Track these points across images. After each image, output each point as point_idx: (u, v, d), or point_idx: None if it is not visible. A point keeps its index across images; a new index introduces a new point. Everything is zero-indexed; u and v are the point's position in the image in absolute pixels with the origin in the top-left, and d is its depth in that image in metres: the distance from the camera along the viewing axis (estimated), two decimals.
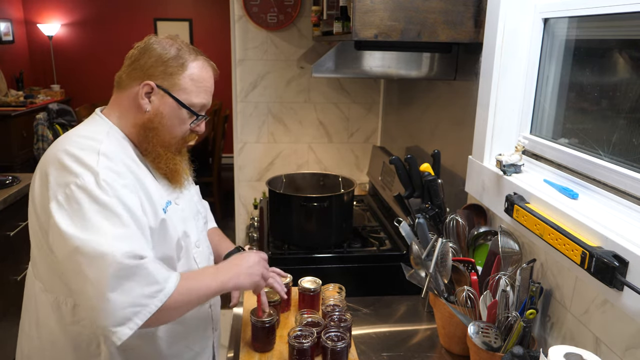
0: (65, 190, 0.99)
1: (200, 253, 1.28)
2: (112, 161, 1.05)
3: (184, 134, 1.19)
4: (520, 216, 1.18)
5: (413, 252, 1.34)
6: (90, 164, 1.01)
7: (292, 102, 2.87)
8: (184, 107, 1.14)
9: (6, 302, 2.32)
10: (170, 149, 1.18)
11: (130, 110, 1.14)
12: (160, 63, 1.12)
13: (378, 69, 1.72)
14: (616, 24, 1.14)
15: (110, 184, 1.01)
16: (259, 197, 2.91)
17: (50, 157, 1.05)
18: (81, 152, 1.03)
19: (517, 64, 1.37)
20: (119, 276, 0.95)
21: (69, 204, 0.98)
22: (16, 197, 2.39)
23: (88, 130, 1.12)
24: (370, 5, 1.47)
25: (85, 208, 0.98)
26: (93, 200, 0.98)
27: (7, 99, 5.53)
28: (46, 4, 6.39)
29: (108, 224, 0.98)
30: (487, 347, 1.12)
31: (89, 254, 0.95)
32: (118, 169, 1.05)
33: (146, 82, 1.11)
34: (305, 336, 1.21)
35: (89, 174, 1.00)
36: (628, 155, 1.05)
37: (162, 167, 1.18)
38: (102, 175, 1.01)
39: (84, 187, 0.99)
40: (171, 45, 1.14)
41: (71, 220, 0.97)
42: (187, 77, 1.13)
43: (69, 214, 0.98)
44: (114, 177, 1.03)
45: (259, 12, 2.68)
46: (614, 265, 0.89)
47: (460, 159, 1.67)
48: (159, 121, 1.13)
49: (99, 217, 0.98)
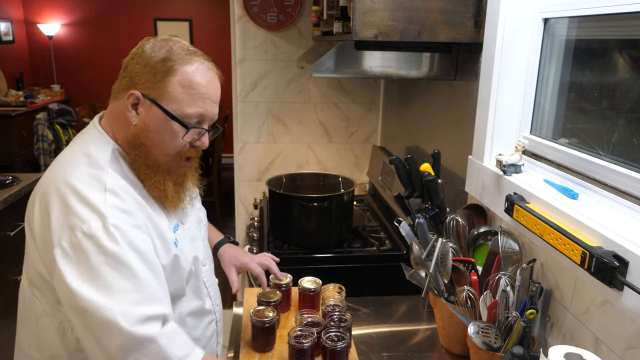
0: (70, 237, 0.90)
1: (207, 271, 1.25)
2: (121, 198, 0.95)
3: (179, 150, 1.03)
4: (520, 216, 1.18)
5: (413, 252, 1.34)
6: (97, 205, 0.91)
7: (292, 102, 2.87)
8: (173, 118, 0.99)
9: (6, 302, 2.32)
10: (158, 170, 1.03)
11: (122, 125, 1.02)
12: (148, 68, 0.98)
13: (378, 69, 1.72)
14: (616, 24, 1.14)
15: (120, 228, 0.92)
16: (259, 197, 2.91)
17: (52, 186, 0.96)
18: (86, 190, 0.93)
19: (517, 63, 1.37)
20: (127, 349, 0.88)
21: (75, 253, 0.90)
22: (16, 197, 2.39)
23: (91, 152, 1.00)
24: (370, 5, 1.47)
25: (92, 259, 0.89)
26: (101, 251, 0.89)
27: (7, 99, 5.53)
28: (46, 4, 6.39)
29: (117, 277, 0.89)
30: (487, 347, 1.12)
31: (97, 320, 0.88)
32: (127, 207, 0.95)
33: (131, 91, 0.98)
34: (305, 336, 1.21)
35: (96, 218, 0.91)
36: (628, 155, 1.05)
37: (148, 191, 1.04)
38: (111, 219, 0.91)
39: (90, 235, 0.90)
40: (162, 47, 1.00)
41: (78, 271, 0.89)
42: (176, 83, 0.98)
43: (76, 265, 0.89)
44: (124, 218, 0.93)
45: (259, 12, 2.68)
46: (614, 265, 0.89)
47: (460, 159, 1.67)
48: (145, 136, 1.00)
49: (107, 270, 0.89)
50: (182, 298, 1.14)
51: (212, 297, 1.26)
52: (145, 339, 0.89)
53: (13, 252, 2.39)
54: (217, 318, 1.29)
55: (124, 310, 0.88)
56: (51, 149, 4.56)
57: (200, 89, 1.00)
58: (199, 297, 1.20)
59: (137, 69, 0.99)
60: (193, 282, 1.17)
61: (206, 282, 1.24)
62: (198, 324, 1.21)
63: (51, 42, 6.40)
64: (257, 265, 1.45)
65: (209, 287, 1.25)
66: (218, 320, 1.30)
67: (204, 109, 1.02)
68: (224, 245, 1.48)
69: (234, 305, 1.56)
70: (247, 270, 1.46)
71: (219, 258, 1.47)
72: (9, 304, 2.33)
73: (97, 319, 0.88)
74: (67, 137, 4.64)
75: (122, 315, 0.88)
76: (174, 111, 0.99)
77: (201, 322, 1.22)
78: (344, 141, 2.97)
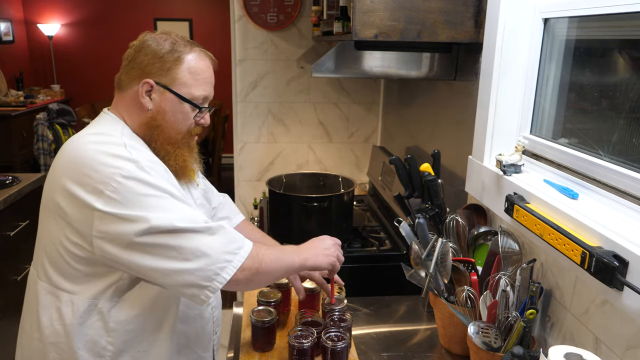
0: (111, 184, 0.99)
1: None
2: (141, 152, 1.07)
3: (189, 128, 1.18)
4: (520, 216, 1.18)
5: (413, 252, 1.34)
6: (125, 155, 1.03)
7: (292, 102, 2.87)
8: (186, 101, 1.13)
9: (6, 302, 2.32)
10: (177, 145, 1.17)
11: (134, 111, 1.14)
12: (157, 59, 1.11)
13: (378, 69, 1.72)
14: (616, 24, 1.14)
15: (152, 167, 1.05)
16: (259, 197, 2.91)
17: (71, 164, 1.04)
18: (110, 149, 1.03)
19: (517, 64, 1.37)
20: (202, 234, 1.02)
21: (122, 195, 0.99)
22: (16, 197, 2.39)
23: (105, 130, 1.11)
24: (370, 5, 1.47)
25: (141, 192, 1.00)
26: (146, 184, 1.01)
27: (7, 99, 5.53)
28: (46, 4, 6.38)
29: (170, 202, 1.02)
30: (487, 347, 1.12)
31: (164, 229, 0.99)
32: (149, 157, 1.09)
33: (145, 80, 1.11)
34: (305, 336, 1.21)
35: (130, 163, 1.02)
36: (628, 155, 1.05)
37: (172, 164, 1.17)
38: (142, 162, 1.03)
39: (130, 176, 1.00)
40: (165, 39, 1.12)
41: (132, 205, 0.99)
42: (185, 70, 1.12)
43: (125, 203, 0.99)
44: (152, 161, 1.07)
45: (259, 12, 2.68)
46: (614, 265, 0.89)
47: (460, 159, 1.67)
48: (162, 118, 1.13)
49: (157, 199, 1.01)
50: None
51: None
52: (216, 227, 1.05)
53: (13, 252, 2.39)
54: (212, 304, 1.28)
55: (187, 215, 1.03)
56: (51, 149, 4.55)
57: (203, 74, 1.15)
58: None
59: (146, 60, 1.11)
60: None
61: None
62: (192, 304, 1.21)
63: (51, 42, 6.39)
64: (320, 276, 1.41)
65: None
66: (214, 307, 1.30)
67: (208, 91, 1.17)
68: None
69: (234, 305, 1.56)
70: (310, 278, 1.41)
71: None
72: (9, 303, 2.33)
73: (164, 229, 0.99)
74: (67, 137, 4.64)
75: (186, 219, 1.02)
76: (185, 95, 1.13)
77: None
78: (344, 141, 2.97)
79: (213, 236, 1.04)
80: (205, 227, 1.04)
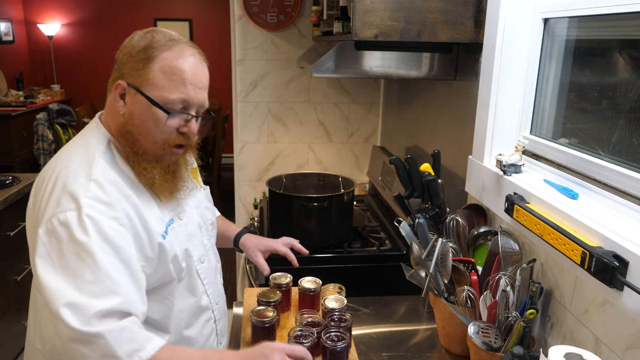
0: (47, 223, 0.94)
1: (205, 268, 1.23)
2: (103, 189, 0.97)
3: (167, 138, 1.04)
4: (520, 216, 1.18)
5: (413, 252, 1.34)
6: (77, 195, 0.95)
7: (292, 102, 2.87)
8: (155, 104, 1.00)
9: (6, 302, 2.32)
10: (146, 157, 1.04)
11: (113, 116, 1.06)
12: (131, 58, 1.01)
13: (378, 69, 1.72)
14: (616, 24, 1.14)
15: (94, 218, 0.94)
16: (259, 197, 2.91)
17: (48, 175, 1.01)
18: (73, 180, 0.97)
19: (517, 64, 1.37)
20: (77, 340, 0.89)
21: (49, 239, 0.94)
22: (16, 197, 2.39)
23: (89, 144, 1.04)
24: (370, 5, 1.47)
25: (63, 247, 0.93)
26: (71, 240, 0.93)
27: (7, 99, 5.53)
28: (46, 4, 6.39)
29: (82, 267, 0.91)
30: (487, 347, 1.12)
31: (51, 305, 0.90)
32: (108, 198, 0.97)
33: (118, 82, 1.02)
34: (305, 336, 1.21)
35: (73, 207, 0.94)
36: (628, 155, 1.05)
37: (140, 180, 1.05)
38: (86, 209, 0.94)
39: (64, 223, 0.93)
40: (144, 37, 1.02)
41: (48, 256, 0.93)
42: (157, 70, 0.99)
43: (47, 250, 0.93)
44: (100, 209, 0.95)
45: (259, 12, 2.68)
46: (614, 265, 0.89)
47: (460, 159, 1.67)
48: (131, 124, 1.02)
49: (73, 258, 0.92)
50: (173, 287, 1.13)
51: (210, 295, 1.25)
52: (92, 335, 0.88)
53: (13, 252, 2.39)
54: (215, 317, 1.28)
55: (78, 301, 0.89)
56: (51, 149, 4.56)
57: (181, 75, 1.01)
58: (193, 294, 1.19)
59: (123, 60, 1.03)
60: (187, 279, 1.17)
61: (203, 280, 1.22)
62: (194, 322, 1.20)
63: (51, 42, 6.40)
64: (281, 245, 1.47)
65: (206, 285, 1.23)
66: (217, 320, 1.29)
67: (187, 95, 1.02)
68: (244, 235, 1.50)
69: (234, 305, 1.56)
70: (273, 251, 1.46)
71: (242, 248, 1.48)
72: (9, 304, 2.33)
73: (52, 303, 0.89)
74: (67, 137, 4.64)
75: (73, 306, 0.89)
76: (156, 97, 1.00)
77: (197, 321, 1.21)
78: (344, 141, 2.97)
79: (86, 346, 0.89)
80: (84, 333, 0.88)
